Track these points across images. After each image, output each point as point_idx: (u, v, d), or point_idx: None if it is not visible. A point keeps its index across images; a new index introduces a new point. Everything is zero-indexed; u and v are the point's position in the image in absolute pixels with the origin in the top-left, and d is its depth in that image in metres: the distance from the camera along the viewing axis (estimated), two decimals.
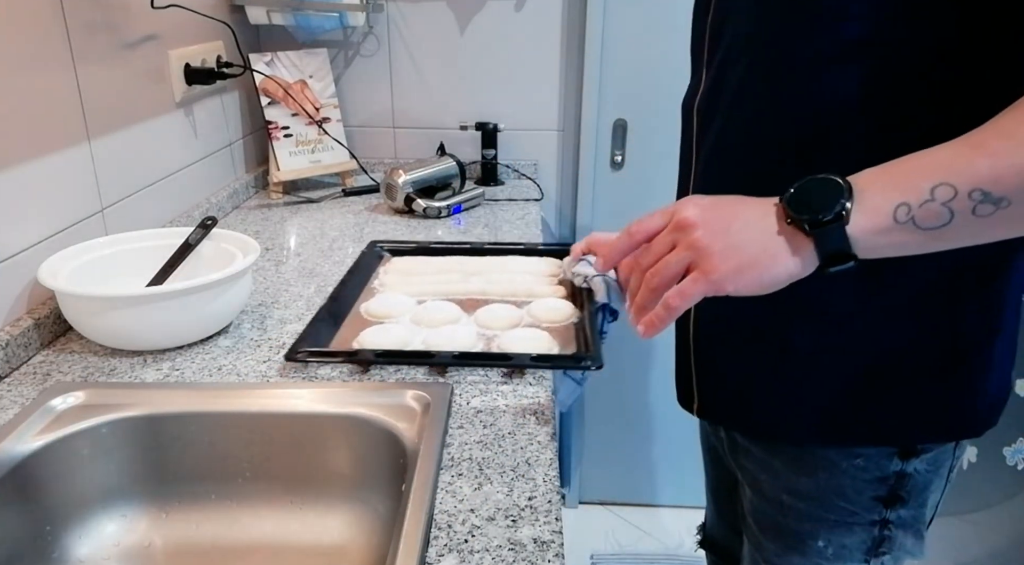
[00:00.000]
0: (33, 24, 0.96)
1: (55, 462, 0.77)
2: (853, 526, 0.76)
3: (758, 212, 0.57)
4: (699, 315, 0.82)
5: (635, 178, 1.85)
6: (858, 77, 0.63)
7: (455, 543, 0.62)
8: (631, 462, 2.14)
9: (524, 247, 1.27)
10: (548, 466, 0.72)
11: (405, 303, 1.06)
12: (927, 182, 0.51)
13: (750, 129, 0.71)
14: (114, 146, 1.15)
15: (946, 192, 0.50)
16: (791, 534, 0.79)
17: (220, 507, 0.83)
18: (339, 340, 0.97)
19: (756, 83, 0.69)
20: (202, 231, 1.05)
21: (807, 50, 0.64)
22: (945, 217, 0.51)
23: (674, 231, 0.58)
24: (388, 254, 1.26)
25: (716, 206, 0.58)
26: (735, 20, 0.71)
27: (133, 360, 0.92)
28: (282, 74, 1.63)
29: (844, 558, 0.78)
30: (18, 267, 0.94)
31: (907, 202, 0.51)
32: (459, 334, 0.96)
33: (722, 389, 0.81)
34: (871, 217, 0.52)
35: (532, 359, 0.88)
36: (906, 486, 0.74)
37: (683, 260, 0.57)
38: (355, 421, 0.80)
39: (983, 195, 0.50)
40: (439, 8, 1.73)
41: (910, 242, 0.52)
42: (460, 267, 1.18)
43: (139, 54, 1.22)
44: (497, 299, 1.09)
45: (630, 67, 1.75)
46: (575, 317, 1.03)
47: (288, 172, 1.62)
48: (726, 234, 0.56)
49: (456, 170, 1.60)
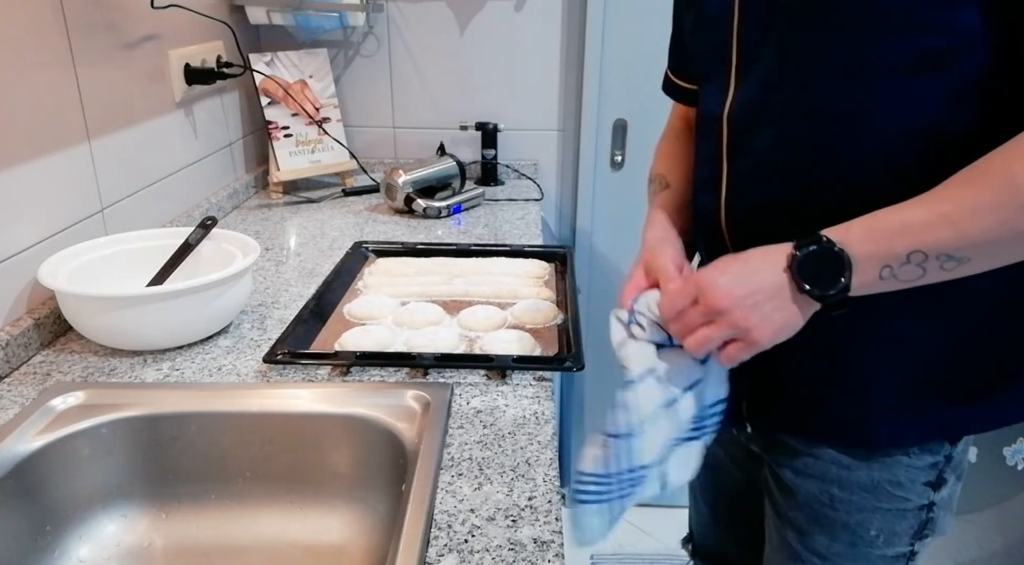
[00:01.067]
0: (33, 24, 0.96)
1: (55, 462, 0.77)
2: (905, 513, 0.79)
3: (775, 284, 0.66)
4: None
5: (635, 178, 1.85)
6: (936, 92, 0.64)
7: (455, 543, 0.62)
8: None
9: (509, 249, 1.27)
10: (548, 466, 0.72)
11: (388, 304, 1.06)
12: (904, 249, 0.61)
13: (804, 144, 0.70)
14: (114, 146, 1.15)
15: (919, 257, 0.61)
16: (842, 527, 0.80)
17: (220, 507, 0.83)
18: (320, 342, 0.97)
19: (810, 97, 0.68)
20: (202, 231, 1.05)
21: (876, 63, 0.64)
22: (919, 273, 0.62)
23: (709, 313, 0.67)
24: (373, 255, 1.26)
25: (738, 285, 0.66)
26: (777, 27, 0.69)
27: (133, 360, 0.92)
28: (282, 74, 1.63)
29: (893, 544, 0.80)
30: (18, 267, 0.94)
31: (889, 265, 0.62)
32: (441, 335, 0.96)
33: (778, 398, 0.81)
34: (862, 279, 0.63)
35: (514, 360, 0.88)
36: (949, 468, 0.78)
37: (726, 336, 0.67)
38: (355, 421, 0.80)
39: (948, 258, 0.61)
40: (439, 8, 1.73)
41: (892, 288, 0.64)
42: (444, 269, 1.19)
43: (139, 54, 1.22)
44: (481, 301, 1.09)
45: (630, 67, 1.75)
46: (558, 319, 1.03)
47: (288, 172, 1.62)
48: (756, 309, 0.65)
49: (456, 170, 1.61)
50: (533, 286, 1.13)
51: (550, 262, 1.23)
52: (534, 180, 1.80)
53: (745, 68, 0.73)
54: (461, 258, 1.24)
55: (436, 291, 1.11)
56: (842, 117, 0.67)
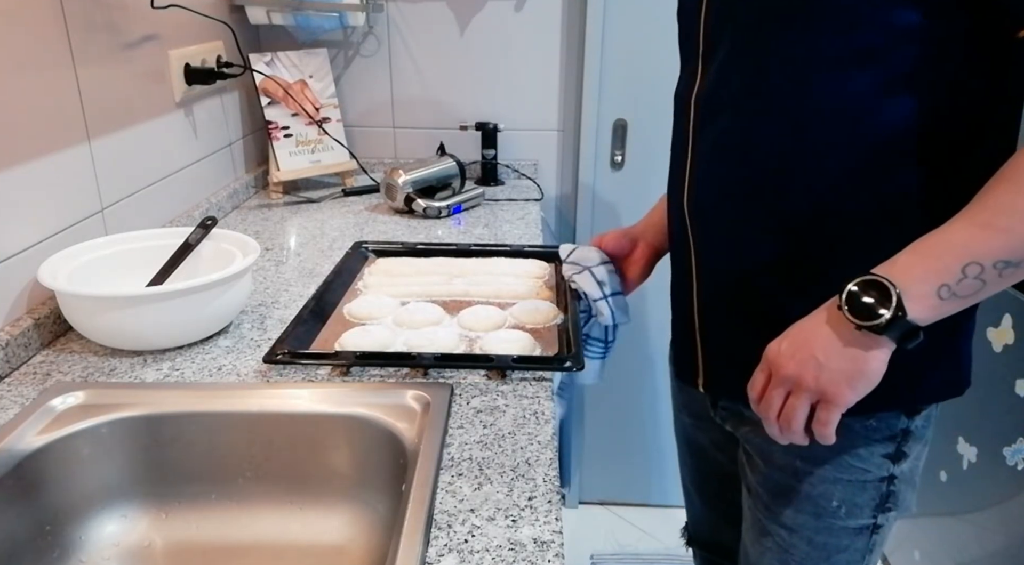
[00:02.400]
0: (33, 24, 0.96)
1: (55, 462, 0.77)
2: (865, 484, 0.81)
3: (828, 336, 0.66)
4: (701, 289, 0.85)
5: (635, 178, 1.85)
6: (870, 85, 0.67)
7: (455, 543, 0.62)
8: (631, 462, 2.14)
9: (509, 249, 1.27)
10: (548, 466, 0.72)
11: (388, 304, 1.06)
12: (956, 263, 0.61)
13: (755, 129, 0.74)
14: (114, 146, 1.15)
15: (975, 269, 0.61)
16: (805, 498, 0.82)
17: (220, 507, 0.83)
18: (320, 342, 0.97)
19: (761, 85, 0.73)
20: (202, 231, 1.05)
21: (822, 52, 0.68)
22: (979, 286, 0.62)
23: (782, 384, 0.69)
24: (373, 255, 1.26)
25: (798, 349, 0.68)
26: (736, 19, 0.74)
27: (133, 360, 0.92)
28: (282, 74, 1.63)
29: (856, 515, 0.82)
30: (18, 267, 0.94)
31: (946, 283, 0.62)
32: (441, 335, 0.96)
33: (732, 364, 0.82)
34: (921, 302, 0.62)
35: (514, 360, 0.88)
36: (908, 442, 0.80)
37: (805, 403, 0.68)
38: (355, 421, 0.80)
39: (1005, 263, 0.61)
40: (439, 8, 1.73)
41: (956, 307, 0.63)
42: (444, 269, 1.19)
43: (139, 54, 1.22)
44: (481, 301, 1.09)
45: (630, 67, 1.75)
46: (559, 319, 1.03)
47: (288, 172, 1.62)
48: (823, 368, 0.66)
49: (456, 170, 1.61)
50: (533, 286, 1.13)
51: (550, 262, 1.23)
52: (534, 180, 1.80)
53: (708, 55, 0.78)
54: (461, 258, 1.23)
55: (436, 291, 1.11)
56: (785, 104, 0.72)
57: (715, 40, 0.77)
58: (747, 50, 0.73)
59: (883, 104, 0.68)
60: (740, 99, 0.75)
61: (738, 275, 0.80)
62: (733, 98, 0.75)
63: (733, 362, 0.82)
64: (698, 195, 0.82)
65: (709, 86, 0.78)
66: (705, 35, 0.78)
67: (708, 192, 0.81)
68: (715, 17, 0.77)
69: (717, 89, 0.77)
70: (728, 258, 0.80)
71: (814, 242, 0.74)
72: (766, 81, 0.72)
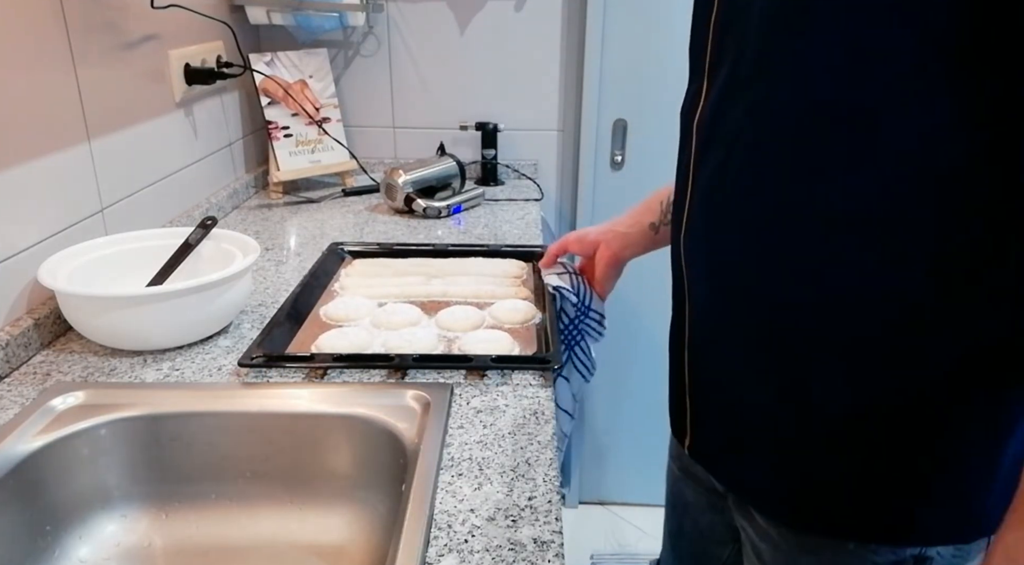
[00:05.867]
0: (33, 24, 0.96)
1: (55, 462, 0.77)
2: None
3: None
4: (693, 340, 0.77)
5: (635, 178, 1.85)
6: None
7: (455, 543, 0.62)
8: (631, 462, 2.14)
9: (487, 249, 1.27)
10: (548, 466, 0.72)
11: (365, 306, 1.05)
12: None
13: (752, 174, 0.66)
14: (114, 146, 1.15)
15: None
16: None
17: (220, 507, 0.83)
18: (297, 344, 0.97)
19: (760, 128, 0.64)
20: (202, 231, 1.05)
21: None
22: None
23: None
24: (349, 256, 1.26)
25: None
26: (738, 39, 0.65)
27: (133, 360, 0.92)
28: (282, 74, 1.63)
29: None
30: (18, 267, 0.94)
31: None
32: (419, 336, 0.96)
33: (717, 435, 0.76)
34: None
35: (493, 360, 0.88)
36: None
37: None
38: (355, 421, 0.80)
39: None
40: (439, 8, 1.73)
41: None
42: (422, 269, 1.18)
43: (139, 54, 1.22)
44: (459, 301, 1.09)
45: (630, 67, 1.75)
46: (537, 318, 1.03)
47: (288, 172, 1.62)
48: None
49: (456, 170, 1.61)
50: (511, 286, 1.13)
51: (527, 261, 1.23)
52: (534, 180, 1.80)
53: (711, 73, 0.69)
54: (438, 258, 1.23)
55: (414, 292, 1.11)
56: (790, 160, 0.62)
57: (719, 59, 0.67)
58: (748, 83, 0.64)
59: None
60: (737, 138, 0.66)
61: (727, 332, 0.71)
62: (731, 136, 0.66)
63: (718, 432, 0.75)
64: (692, 233, 0.73)
65: (709, 112, 0.69)
66: (711, 52, 0.69)
67: (706, 223, 0.71)
68: (720, 35, 0.67)
69: (716, 117, 0.68)
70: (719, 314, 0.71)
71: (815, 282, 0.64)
72: (767, 127, 0.63)
